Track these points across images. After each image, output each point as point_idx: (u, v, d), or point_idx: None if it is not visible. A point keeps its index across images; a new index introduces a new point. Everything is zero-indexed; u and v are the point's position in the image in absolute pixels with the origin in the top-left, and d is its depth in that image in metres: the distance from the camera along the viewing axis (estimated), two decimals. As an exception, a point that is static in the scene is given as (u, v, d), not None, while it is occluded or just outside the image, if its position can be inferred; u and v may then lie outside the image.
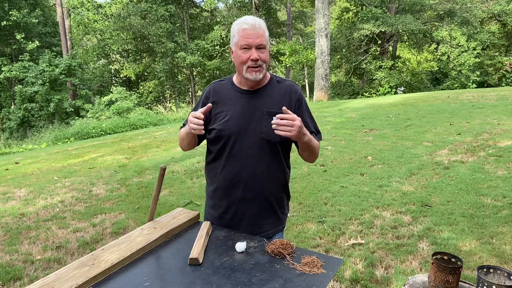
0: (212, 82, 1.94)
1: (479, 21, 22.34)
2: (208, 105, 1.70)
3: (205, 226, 1.84)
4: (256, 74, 1.72)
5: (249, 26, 1.67)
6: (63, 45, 23.39)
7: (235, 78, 1.87)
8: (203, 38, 24.00)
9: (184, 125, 1.92)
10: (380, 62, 22.17)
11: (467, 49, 23.98)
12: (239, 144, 1.77)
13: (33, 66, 20.25)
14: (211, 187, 1.92)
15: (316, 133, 1.89)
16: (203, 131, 1.67)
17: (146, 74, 26.34)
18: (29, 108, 20.23)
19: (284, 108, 1.57)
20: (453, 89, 21.94)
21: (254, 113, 1.77)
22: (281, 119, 1.55)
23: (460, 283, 1.74)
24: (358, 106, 12.39)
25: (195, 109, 1.88)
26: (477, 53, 23.74)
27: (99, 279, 1.43)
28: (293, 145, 1.90)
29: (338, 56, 24.06)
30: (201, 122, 1.64)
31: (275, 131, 1.57)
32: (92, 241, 3.88)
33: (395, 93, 20.57)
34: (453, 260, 1.74)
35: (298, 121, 1.57)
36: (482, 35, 22.67)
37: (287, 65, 21.28)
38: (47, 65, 20.16)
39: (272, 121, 1.56)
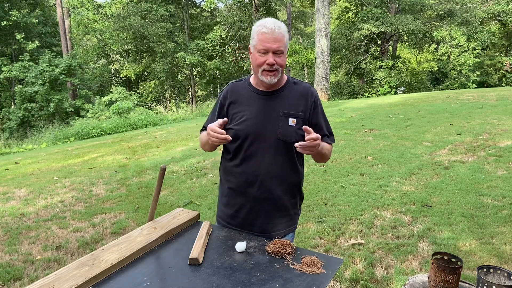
0: (229, 82, 1.98)
1: (479, 21, 22.33)
2: (224, 120, 1.74)
3: (205, 226, 1.84)
4: (270, 77, 1.75)
5: (268, 30, 1.69)
6: (63, 45, 23.40)
7: (252, 79, 1.90)
8: (203, 38, 24.00)
9: (204, 127, 1.97)
10: (380, 62, 22.16)
11: (467, 49, 23.98)
12: (255, 144, 1.81)
13: (33, 66, 20.25)
14: (225, 185, 1.95)
15: (329, 135, 1.92)
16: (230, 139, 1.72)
17: (146, 74, 26.32)
18: (29, 108, 20.23)
19: (305, 127, 1.63)
20: (453, 89, 21.94)
21: (271, 114, 1.81)
22: (305, 141, 1.62)
23: (460, 283, 1.74)
24: (358, 106, 12.39)
25: (213, 110, 1.94)
26: (477, 53, 23.73)
27: (99, 279, 1.43)
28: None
29: (338, 56, 24.05)
30: (225, 136, 1.69)
31: (297, 148, 1.64)
32: (92, 241, 3.88)
33: (395, 93, 20.56)
34: (453, 260, 1.74)
35: (319, 140, 1.64)
36: (482, 35, 22.66)
37: (287, 65, 21.28)
38: (47, 65, 20.16)
39: (296, 144, 1.64)
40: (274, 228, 1.89)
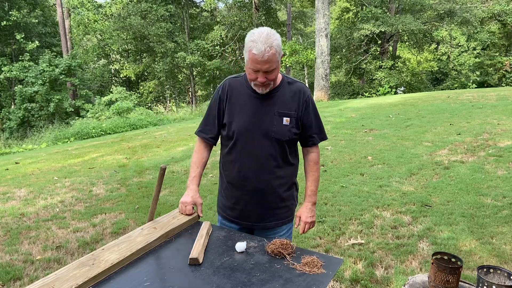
0: (227, 77, 2.03)
1: (479, 21, 22.33)
2: (199, 204, 1.99)
3: (205, 226, 1.84)
4: (262, 89, 1.83)
5: (258, 52, 1.69)
6: (63, 45, 23.39)
7: None
8: (203, 38, 23.98)
9: (201, 130, 2.04)
10: (380, 62, 22.16)
11: (467, 49, 23.98)
12: (251, 141, 1.89)
13: (33, 66, 20.24)
14: (224, 179, 2.04)
15: (319, 133, 2.01)
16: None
17: (146, 74, 26.32)
18: (29, 108, 20.22)
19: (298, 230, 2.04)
20: (453, 89, 21.93)
21: (266, 113, 1.88)
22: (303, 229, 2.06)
23: (460, 283, 1.74)
24: (358, 106, 12.39)
25: (211, 106, 1.98)
26: (477, 53, 23.73)
27: (99, 279, 1.43)
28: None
29: (338, 56, 24.04)
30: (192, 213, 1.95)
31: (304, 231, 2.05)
32: (92, 241, 3.88)
33: (395, 93, 20.55)
34: (453, 260, 1.74)
35: (308, 220, 2.05)
36: (482, 35, 22.66)
37: (287, 65, 21.26)
38: (47, 65, 20.15)
39: (300, 233, 2.07)
40: (272, 218, 1.98)
